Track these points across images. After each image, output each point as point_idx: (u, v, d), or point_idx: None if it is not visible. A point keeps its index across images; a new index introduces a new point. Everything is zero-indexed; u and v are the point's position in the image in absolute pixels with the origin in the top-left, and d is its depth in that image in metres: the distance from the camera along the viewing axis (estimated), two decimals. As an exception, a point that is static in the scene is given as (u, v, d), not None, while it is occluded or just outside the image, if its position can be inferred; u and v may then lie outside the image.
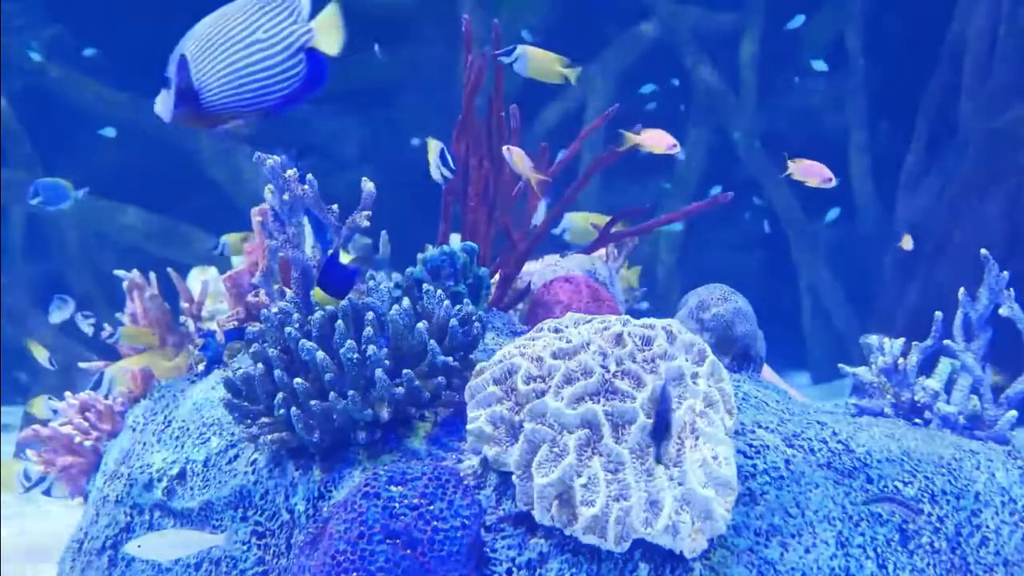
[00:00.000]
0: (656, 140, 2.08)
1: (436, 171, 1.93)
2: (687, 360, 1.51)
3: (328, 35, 1.34)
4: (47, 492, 2.20)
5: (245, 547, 1.63)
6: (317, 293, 1.68)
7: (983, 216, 4.28)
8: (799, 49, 5.89)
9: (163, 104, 1.42)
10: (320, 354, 1.55)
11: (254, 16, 1.35)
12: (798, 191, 5.34)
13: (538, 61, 2.00)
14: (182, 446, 1.79)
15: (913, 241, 3.84)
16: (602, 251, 2.33)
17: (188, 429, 1.81)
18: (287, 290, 1.91)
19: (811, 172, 2.27)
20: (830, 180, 2.27)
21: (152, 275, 2.35)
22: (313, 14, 1.37)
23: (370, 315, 1.59)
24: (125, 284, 2.30)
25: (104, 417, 2.11)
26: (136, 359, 2.16)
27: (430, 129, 2.05)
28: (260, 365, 1.61)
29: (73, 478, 2.17)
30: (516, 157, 1.98)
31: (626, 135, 2.05)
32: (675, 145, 2.10)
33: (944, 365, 1.93)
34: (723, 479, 1.38)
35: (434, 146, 1.94)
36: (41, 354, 2.89)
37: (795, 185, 2.29)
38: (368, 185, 1.88)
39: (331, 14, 1.34)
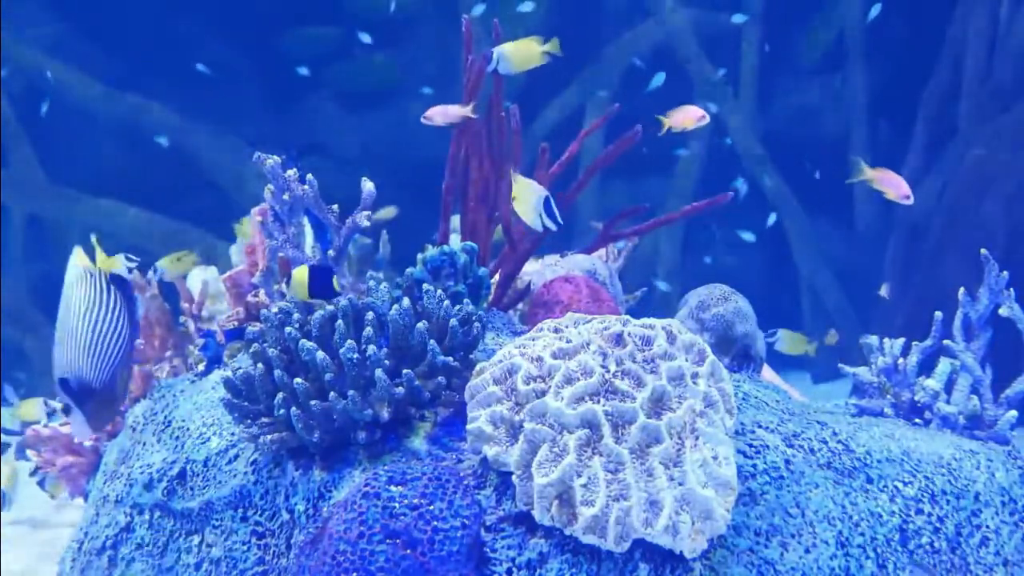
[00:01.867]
0: (686, 116, 2.13)
1: (536, 219, 1.83)
2: (687, 360, 1.51)
3: (112, 263, 1.65)
4: (41, 484, 2.21)
5: (245, 547, 1.63)
6: (297, 283, 1.68)
7: (983, 216, 4.28)
8: (798, 49, 5.89)
9: (77, 425, 1.65)
10: (320, 354, 1.55)
11: (75, 306, 1.62)
12: (798, 191, 5.38)
13: (517, 54, 1.97)
14: (182, 446, 1.79)
15: (913, 241, 3.84)
16: (602, 251, 2.33)
17: (188, 429, 1.81)
18: (287, 290, 1.91)
19: (891, 184, 2.22)
20: (908, 197, 2.23)
21: (152, 275, 2.35)
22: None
23: (370, 315, 1.59)
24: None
25: (104, 417, 2.10)
26: None
27: (430, 129, 2.03)
28: (260, 365, 1.61)
29: (73, 478, 2.17)
30: (433, 113, 1.94)
31: (661, 120, 2.14)
32: (704, 116, 2.14)
33: (944, 365, 1.93)
34: (723, 479, 1.38)
35: (535, 190, 1.82)
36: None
37: (795, 185, 2.29)
38: (368, 185, 1.88)
39: (93, 260, 1.64)
